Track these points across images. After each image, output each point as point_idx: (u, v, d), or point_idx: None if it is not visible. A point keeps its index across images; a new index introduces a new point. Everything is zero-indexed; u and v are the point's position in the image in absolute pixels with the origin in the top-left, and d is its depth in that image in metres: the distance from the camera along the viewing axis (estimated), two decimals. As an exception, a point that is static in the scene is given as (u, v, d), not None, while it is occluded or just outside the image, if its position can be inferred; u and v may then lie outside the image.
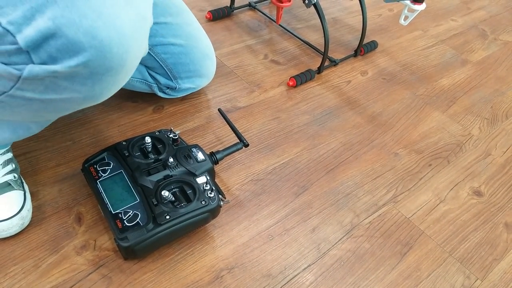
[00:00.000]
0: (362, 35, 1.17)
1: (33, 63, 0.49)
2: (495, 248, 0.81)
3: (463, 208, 0.87)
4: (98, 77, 0.52)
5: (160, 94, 0.94)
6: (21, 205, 0.69)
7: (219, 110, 0.88)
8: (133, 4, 0.51)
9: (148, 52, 0.86)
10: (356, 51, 1.22)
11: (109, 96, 0.58)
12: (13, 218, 0.67)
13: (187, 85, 0.93)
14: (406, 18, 1.07)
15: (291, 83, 1.08)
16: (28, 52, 0.48)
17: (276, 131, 0.96)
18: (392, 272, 0.75)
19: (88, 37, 0.47)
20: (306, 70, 1.10)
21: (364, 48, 1.23)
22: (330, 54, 1.20)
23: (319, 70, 1.14)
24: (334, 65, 1.18)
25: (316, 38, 1.27)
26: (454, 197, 0.89)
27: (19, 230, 0.70)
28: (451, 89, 1.18)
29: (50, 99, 0.54)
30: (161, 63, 0.88)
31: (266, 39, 1.24)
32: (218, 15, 1.27)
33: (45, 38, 0.47)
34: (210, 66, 0.95)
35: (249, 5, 1.35)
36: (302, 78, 1.09)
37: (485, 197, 0.91)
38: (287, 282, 0.71)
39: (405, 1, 1.02)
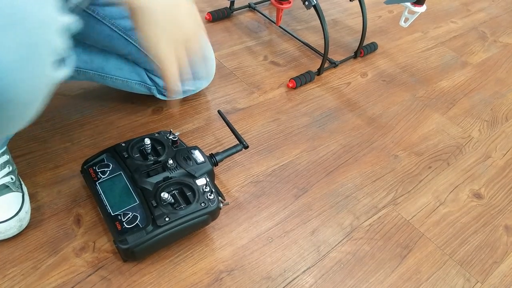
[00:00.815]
0: (362, 36, 1.17)
1: None
2: (495, 251, 0.81)
3: (463, 210, 0.87)
4: None
5: (159, 96, 0.94)
6: (19, 207, 0.69)
7: (219, 111, 0.88)
8: (19, 27, 0.41)
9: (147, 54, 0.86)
10: (356, 52, 1.22)
11: (15, 131, 0.50)
12: (11, 220, 0.67)
13: (186, 87, 0.93)
14: (406, 20, 1.07)
15: (290, 85, 1.08)
16: None
17: (275, 133, 0.96)
18: (392, 275, 0.75)
19: None
20: (306, 72, 1.10)
21: (364, 50, 1.23)
22: (330, 56, 1.20)
23: (319, 71, 1.14)
24: (334, 67, 1.18)
25: (316, 40, 1.27)
26: (454, 200, 0.89)
27: (18, 232, 0.69)
28: (451, 91, 1.18)
29: None
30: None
31: (266, 40, 1.24)
32: (217, 16, 1.27)
33: None
34: (209, 68, 0.95)
35: (249, 6, 1.35)
36: (302, 80, 1.09)
37: (485, 199, 0.90)
38: (286, 285, 0.71)
39: (406, 3, 1.02)
